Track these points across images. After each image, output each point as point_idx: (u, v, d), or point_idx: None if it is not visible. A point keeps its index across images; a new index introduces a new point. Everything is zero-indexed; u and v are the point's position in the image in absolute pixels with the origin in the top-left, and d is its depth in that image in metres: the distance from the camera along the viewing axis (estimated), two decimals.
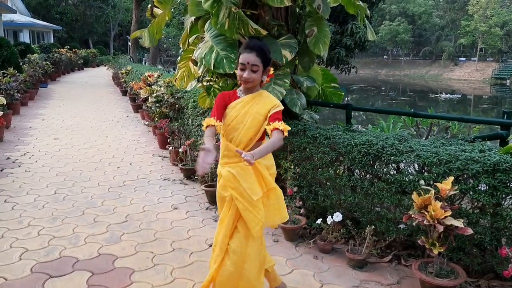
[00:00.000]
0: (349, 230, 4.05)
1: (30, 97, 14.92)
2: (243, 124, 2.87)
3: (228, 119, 2.91)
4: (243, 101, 2.91)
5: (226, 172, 2.91)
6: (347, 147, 3.99)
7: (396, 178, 3.67)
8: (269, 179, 2.99)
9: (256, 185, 2.91)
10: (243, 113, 2.88)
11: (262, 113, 2.87)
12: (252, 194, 2.86)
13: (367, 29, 5.27)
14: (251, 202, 2.86)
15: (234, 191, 2.88)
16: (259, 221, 2.89)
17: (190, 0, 4.51)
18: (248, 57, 2.79)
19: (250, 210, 2.86)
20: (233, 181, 2.88)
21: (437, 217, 3.12)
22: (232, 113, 2.90)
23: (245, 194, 2.86)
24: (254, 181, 2.91)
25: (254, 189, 2.89)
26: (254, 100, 2.90)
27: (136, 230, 4.63)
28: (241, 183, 2.86)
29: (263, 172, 2.95)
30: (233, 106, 2.92)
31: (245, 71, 2.82)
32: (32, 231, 4.53)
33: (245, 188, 2.86)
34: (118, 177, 6.52)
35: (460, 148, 3.51)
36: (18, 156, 7.62)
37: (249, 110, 2.87)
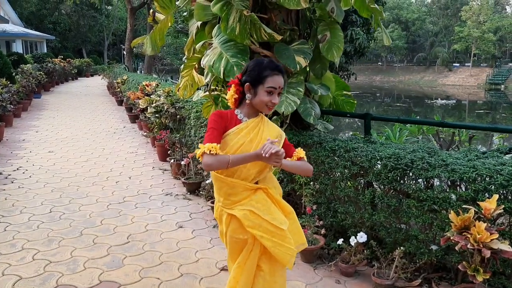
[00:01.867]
0: (372, 251, 3.72)
1: (23, 108, 14.53)
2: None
3: (231, 149, 2.43)
4: (248, 127, 2.48)
5: (242, 212, 2.46)
6: (371, 161, 3.66)
7: (428, 195, 3.33)
8: (284, 204, 2.62)
9: (279, 213, 2.52)
10: (248, 141, 2.44)
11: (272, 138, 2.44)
12: (279, 224, 2.46)
13: (383, 34, 4.96)
14: (280, 234, 2.45)
15: (256, 230, 2.45)
16: (293, 252, 2.48)
17: (197, 4, 4.18)
18: (279, 81, 2.43)
19: (280, 244, 2.45)
20: (253, 218, 2.45)
21: (482, 240, 2.79)
22: (236, 140, 2.45)
23: (271, 228, 2.45)
24: (275, 209, 2.52)
25: (279, 219, 2.49)
26: (258, 125, 2.50)
27: (140, 252, 4.27)
28: (263, 217, 2.45)
29: (277, 197, 2.59)
30: (237, 132, 2.46)
31: (273, 96, 2.43)
32: (27, 255, 4.17)
33: (270, 221, 2.45)
34: (117, 193, 6.16)
35: (499, 162, 3.19)
36: (11, 171, 7.23)
37: (256, 137, 2.46)
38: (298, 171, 2.60)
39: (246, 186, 2.48)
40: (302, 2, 3.72)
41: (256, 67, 2.46)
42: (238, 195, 2.48)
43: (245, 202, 2.48)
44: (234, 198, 2.49)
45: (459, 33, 60.83)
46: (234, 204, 2.49)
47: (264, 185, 2.55)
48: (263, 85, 2.41)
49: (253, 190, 2.51)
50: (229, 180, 2.47)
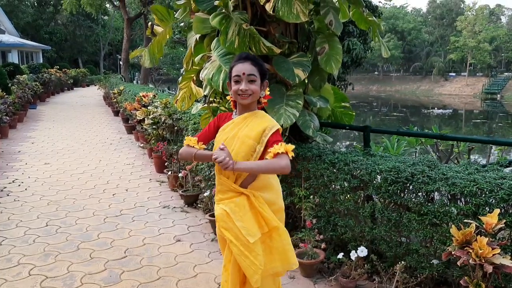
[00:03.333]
0: (373, 265, 3.69)
1: (19, 119, 14.46)
2: (231, 149, 2.44)
3: (218, 143, 2.49)
4: (233, 123, 2.54)
5: (220, 210, 2.50)
6: (371, 174, 3.64)
7: (429, 208, 3.31)
8: (269, 217, 2.54)
9: (253, 224, 2.48)
10: (231, 137, 2.49)
11: (252, 136, 2.46)
12: (248, 236, 2.43)
13: (381, 46, 4.96)
14: (247, 245, 2.42)
15: (227, 232, 2.46)
16: (257, 269, 2.43)
17: (196, 17, 4.17)
18: (243, 67, 2.45)
19: (246, 255, 2.42)
20: (227, 220, 2.47)
21: (484, 255, 2.76)
22: (220, 136, 2.55)
23: (240, 236, 2.43)
24: (251, 219, 2.49)
25: (250, 229, 2.46)
26: (245, 121, 2.51)
27: (137, 267, 4.22)
28: (235, 222, 2.44)
29: (262, 207, 2.52)
30: (223, 128, 2.56)
31: (240, 83, 2.45)
32: (23, 270, 4.11)
33: (240, 228, 2.43)
34: (114, 206, 6.11)
35: (499, 175, 3.17)
36: (7, 183, 7.17)
37: (238, 133, 2.48)
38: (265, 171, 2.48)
39: (231, 186, 2.52)
40: (301, 16, 3.71)
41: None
42: (224, 194, 2.55)
43: (226, 202, 2.52)
44: (221, 196, 2.58)
45: (455, 43, 61.21)
46: (220, 201, 2.57)
47: (250, 192, 2.52)
48: (231, 78, 2.50)
49: (238, 193, 2.53)
50: (219, 177, 2.57)
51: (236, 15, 3.84)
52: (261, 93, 2.55)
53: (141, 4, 29.21)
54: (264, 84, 2.56)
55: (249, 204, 2.51)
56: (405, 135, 5.65)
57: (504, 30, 64.01)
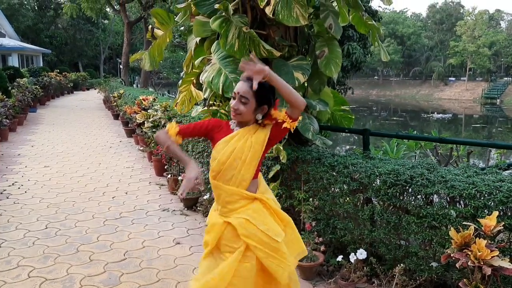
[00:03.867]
0: (372, 268, 3.69)
1: (19, 122, 14.47)
2: (242, 159, 2.48)
3: (222, 156, 2.50)
4: (238, 134, 2.53)
5: (237, 220, 2.48)
6: (370, 177, 3.65)
7: (428, 211, 3.32)
8: (282, 213, 2.65)
9: (275, 224, 2.54)
10: (239, 147, 2.49)
11: (260, 141, 2.51)
12: (276, 236, 2.47)
13: (381, 50, 4.99)
14: (274, 246, 2.46)
15: (250, 239, 2.45)
16: (286, 266, 2.48)
17: (196, 21, 4.19)
18: (240, 87, 2.48)
19: (273, 256, 2.46)
20: (248, 227, 2.47)
21: (483, 258, 2.77)
22: (226, 148, 2.51)
23: (265, 239, 2.46)
24: (271, 220, 2.54)
25: (274, 230, 2.50)
26: (249, 132, 2.53)
27: (137, 269, 4.22)
28: (258, 227, 2.46)
29: (275, 206, 2.61)
30: (227, 140, 2.53)
31: (234, 101, 2.49)
32: (22, 272, 4.11)
33: (265, 232, 2.46)
34: (113, 208, 6.11)
35: (498, 178, 3.18)
36: (6, 186, 7.17)
37: (246, 143, 2.49)
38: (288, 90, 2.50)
39: (243, 194, 2.52)
40: (301, 19, 3.73)
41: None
42: (235, 203, 2.52)
43: (242, 211, 2.51)
44: (231, 206, 2.53)
45: (454, 48, 61.32)
46: (231, 212, 2.53)
47: (262, 196, 2.57)
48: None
49: (251, 199, 2.54)
50: (227, 188, 2.51)
51: (236, 19, 3.86)
52: (257, 116, 2.52)
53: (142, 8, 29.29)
54: (262, 108, 2.52)
55: (265, 207, 2.56)
56: (404, 138, 5.66)
57: (503, 35, 64.12)
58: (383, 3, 4.68)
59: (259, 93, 2.46)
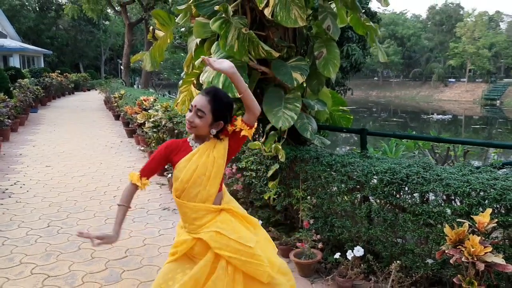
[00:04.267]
0: (369, 265, 3.75)
1: (20, 122, 14.55)
2: (206, 176, 2.49)
3: (185, 174, 2.48)
4: (199, 150, 2.51)
5: (207, 234, 2.48)
6: (367, 176, 3.71)
7: (423, 209, 3.38)
8: (249, 217, 2.69)
9: (245, 231, 2.57)
10: (202, 164, 2.48)
11: (221, 155, 2.52)
12: (248, 242, 2.50)
13: (378, 51, 5.05)
14: (248, 252, 2.48)
15: (224, 250, 2.47)
16: (265, 267, 2.51)
17: (196, 22, 4.26)
18: (197, 100, 2.44)
19: (250, 262, 2.49)
20: (219, 239, 2.48)
21: (476, 254, 2.84)
22: (189, 166, 2.49)
23: (239, 247, 2.48)
24: (241, 228, 2.57)
25: (245, 237, 2.53)
26: (210, 147, 2.52)
27: (138, 266, 4.29)
28: (229, 236, 2.49)
29: (241, 212, 2.65)
30: (188, 158, 2.51)
31: (191, 114, 2.46)
32: (25, 269, 4.18)
33: (237, 240, 2.49)
34: (114, 207, 6.12)
35: (492, 176, 3.25)
36: (8, 185, 7.25)
37: (209, 159, 2.49)
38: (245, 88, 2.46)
39: (209, 208, 2.52)
40: (299, 21, 3.80)
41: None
42: (202, 219, 2.51)
43: (210, 224, 2.51)
44: (199, 222, 2.52)
45: (454, 49, 61.37)
46: (199, 228, 2.52)
47: (227, 206, 2.60)
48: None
49: (217, 211, 2.56)
50: (192, 205, 2.50)
51: (236, 20, 3.93)
52: (211, 131, 2.51)
53: (142, 9, 29.40)
54: (217, 124, 2.50)
55: (232, 216, 2.59)
56: (402, 138, 5.73)
57: (503, 36, 64.11)
58: (380, 4, 4.74)
59: (216, 109, 2.44)
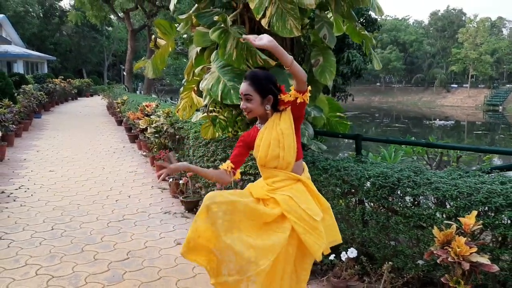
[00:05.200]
0: (363, 267, 3.88)
1: (24, 128, 14.73)
2: (280, 147, 2.74)
3: (262, 152, 2.78)
4: (267, 128, 2.79)
5: (281, 196, 2.73)
6: (361, 180, 3.84)
7: (414, 211, 3.51)
8: (322, 199, 2.91)
9: (315, 205, 2.78)
10: (274, 138, 2.74)
11: (288, 125, 2.75)
12: (315, 215, 2.71)
13: (373, 59, 5.20)
14: (312, 224, 2.68)
15: (291, 215, 2.69)
16: (322, 243, 2.71)
17: (196, 31, 4.41)
18: (242, 88, 2.75)
19: (311, 233, 2.68)
20: (290, 203, 2.71)
21: (462, 254, 2.96)
22: (262, 143, 2.78)
23: (305, 216, 2.68)
24: (312, 201, 2.79)
25: (314, 210, 2.74)
26: (274, 122, 2.78)
27: (139, 268, 4.42)
28: (299, 205, 2.71)
29: (316, 191, 2.88)
30: (260, 137, 2.80)
31: (243, 101, 2.77)
32: (30, 270, 4.32)
33: (305, 210, 2.70)
34: (117, 211, 6.32)
35: (479, 180, 3.37)
36: (13, 189, 7.40)
37: (277, 132, 2.74)
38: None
39: (288, 175, 2.79)
40: (294, 31, 3.94)
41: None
42: (280, 182, 2.78)
43: (286, 189, 2.77)
44: (277, 185, 2.79)
45: (456, 55, 61.65)
46: (276, 190, 2.78)
47: (306, 178, 2.85)
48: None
49: (295, 180, 2.80)
50: (273, 170, 2.80)
51: (234, 30, 4.08)
52: (266, 107, 2.77)
53: (145, 16, 29.68)
54: (267, 99, 2.75)
55: (307, 189, 2.82)
56: (395, 143, 5.88)
57: (505, 42, 64.40)
58: (375, 13, 4.89)
59: (259, 87, 2.72)
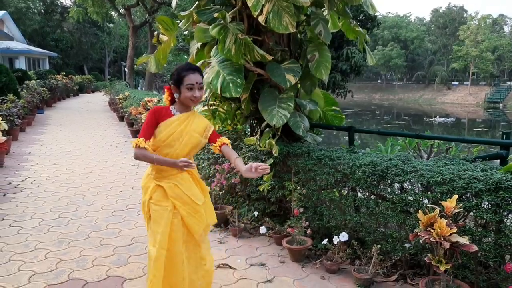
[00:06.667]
0: (355, 251, 4.11)
1: (28, 123, 14.97)
2: (180, 141, 3.02)
3: (163, 136, 3.00)
4: (179, 119, 3.05)
5: (167, 184, 3.04)
6: (352, 168, 4.08)
7: (401, 197, 3.75)
8: (204, 184, 3.27)
9: (198, 192, 3.14)
10: (179, 131, 3.01)
11: (198, 131, 3.08)
12: (197, 200, 3.09)
13: (367, 54, 5.41)
14: (194, 208, 3.07)
15: (177, 200, 3.03)
16: (202, 224, 3.12)
17: (197, 27, 4.64)
18: (196, 78, 2.99)
19: (193, 215, 3.07)
20: (176, 191, 3.04)
21: (443, 234, 3.20)
22: (167, 130, 3.00)
23: (188, 201, 3.06)
24: (195, 187, 3.13)
25: (197, 195, 3.11)
26: (188, 119, 3.07)
27: (143, 252, 4.66)
28: (184, 191, 3.05)
29: (199, 177, 3.23)
30: (168, 124, 3.02)
31: (194, 91, 2.99)
32: (39, 254, 4.56)
33: (189, 196, 3.06)
34: (120, 201, 6.56)
35: (462, 168, 3.60)
36: (20, 181, 7.64)
37: (185, 128, 3.03)
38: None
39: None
40: (289, 27, 4.16)
41: (176, 71, 3.06)
42: (168, 172, 3.06)
43: (172, 178, 3.07)
44: (164, 174, 3.07)
45: (458, 52, 61.67)
46: (163, 178, 3.07)
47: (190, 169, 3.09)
48: (183, 84, 2.98)
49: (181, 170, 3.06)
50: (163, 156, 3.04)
51: (233, 26, 4.31)
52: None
53: (146, 12, 29.82)
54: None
55: (191, 177, 3.14)
56: (385, 135, 6.18)
57: (507, 39, 64.41)
58: (369, 11, 5.10)
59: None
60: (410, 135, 5.20)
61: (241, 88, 4.37)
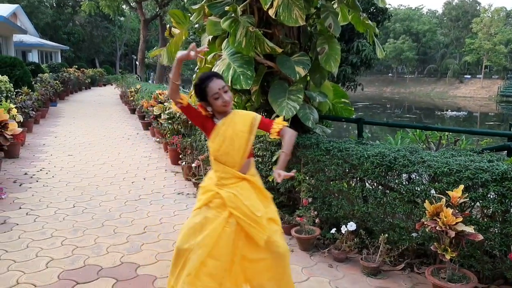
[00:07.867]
0: (362, 240, 4.19)
1: (42, 115, 15.17)
2: (233, 146, 2.98)
3: (216, 145, 2.99)
4: (224, 124, 2.99)
5: (227, 194, 2.98)
6: (360, 159, 4.15)
7: (408, 188, 3.82)
8: (266, 191, 3.16)
9: (257, 202, 3.03)
10: (229, 137, 2.97)
11: (245, 130, 3.00)
12: (256, 211, 2.97)
13: (376, 47, 5.47)
14: (254, 219, 2.95)
15: (236, 210, 2.95)
16: (263, 234, 2.96)
17: (208, 21, 4.73)
18: (217, 84, 2.90)
19: (253, 226, 2.95)
20: (235, 200, 2.96)
21: (449, 223, 3.27)
22: (218, 138, 2.98)
23: (248, 212, 2.95)
24: (255, 198, 3.04)
25: (256, 206, 3.00)
26: (233, 120, 3.01)
27: (155, 240, 4.78)
28: (243, 201, 2.96)
29: (260, 185, 3.12)
30: (217, 132, 2.99)
31: (222, 96, 2.90)
32: (56, 241, 4.70)
33: (248, 206, 2.96)
34: (133, 191, 6.69)
35: (469, 159, 3.66)
36: (35, 171, 7.81)
37: (233, 131, 2.97)
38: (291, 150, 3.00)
39: (235, 174, 3.03)
40: (299, 20, 4.24)
41: (196, 88, 3.03)
42: (228, 180, 3.03)
43: (232, 187, 3.02)
44: (224, 182, 3.04)
45: (470, 45, 61.10)
46: (223, 186, 3.03)
47: (250, 177, 3.08)
48: (208, 96, 2.92)
49: (240, 179, 3.05)
50: (222, 166, 3.03)
51: (244, 19, 4.39)
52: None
53: (157, 5, 29.96)
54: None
55: (251, 187, 3.07)
56: (394, 126, 6.20)
57: None
58: (378, 4, 5.15)
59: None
60: (418, 126, 5.26)
61: (252, 80, 4.44)
